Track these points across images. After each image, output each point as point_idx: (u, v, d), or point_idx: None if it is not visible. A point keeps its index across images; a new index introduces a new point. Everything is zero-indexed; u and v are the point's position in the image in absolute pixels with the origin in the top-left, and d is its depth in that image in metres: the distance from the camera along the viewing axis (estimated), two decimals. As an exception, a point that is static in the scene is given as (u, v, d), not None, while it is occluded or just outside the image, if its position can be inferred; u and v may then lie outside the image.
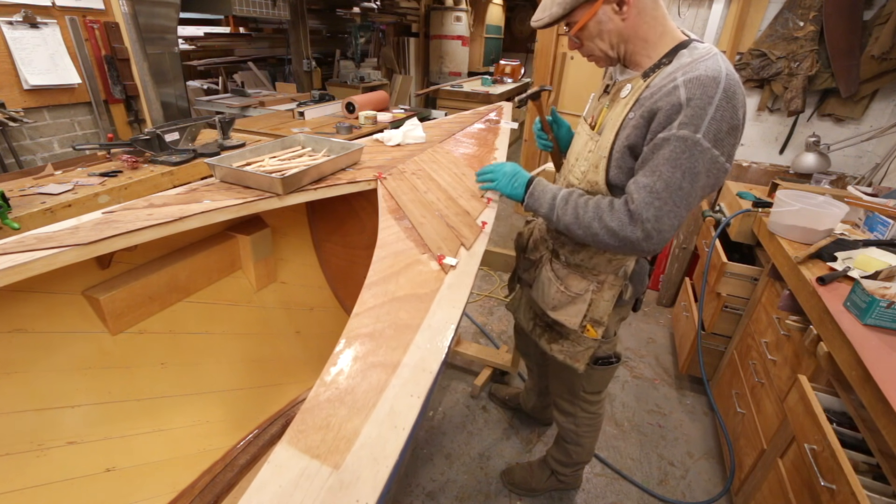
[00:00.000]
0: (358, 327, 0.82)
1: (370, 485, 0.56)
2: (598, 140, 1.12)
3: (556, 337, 1.38)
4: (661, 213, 0.96)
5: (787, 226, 1.83)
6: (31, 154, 2.59)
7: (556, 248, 1.32)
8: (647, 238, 0.99)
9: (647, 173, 0.98)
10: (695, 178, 0.94)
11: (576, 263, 1.28)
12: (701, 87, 0.91)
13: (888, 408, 1.00)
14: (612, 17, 1.00)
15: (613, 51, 1.06)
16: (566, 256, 1.29)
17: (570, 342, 1.34)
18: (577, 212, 1.08)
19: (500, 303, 3.14)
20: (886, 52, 2.23)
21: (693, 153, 0.92)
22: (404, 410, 0.67)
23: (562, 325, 1.31)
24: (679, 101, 0.92)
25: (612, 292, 1.24)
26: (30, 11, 2.38)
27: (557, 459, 1.76)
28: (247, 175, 1.34)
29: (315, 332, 1.97)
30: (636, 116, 1.01)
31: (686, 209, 0.98)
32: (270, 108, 3.68)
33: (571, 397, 1.54)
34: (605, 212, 1.04)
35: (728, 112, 0.92)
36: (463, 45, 7.30)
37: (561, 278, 1.29)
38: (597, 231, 1.05)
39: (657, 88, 0.98)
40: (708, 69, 0.92)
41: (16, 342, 1.17)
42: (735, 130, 0.95)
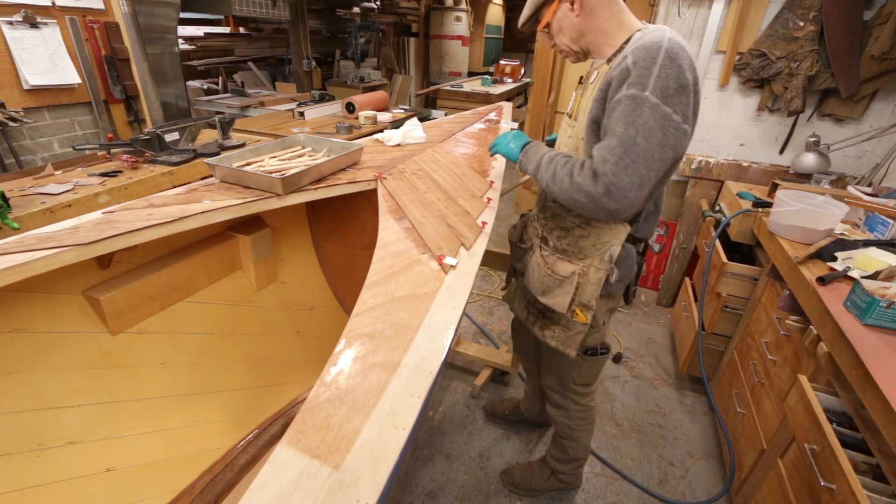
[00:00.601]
0: (358, 327, 0.82)
1: (370, 485, 0.56)
2: (574, 126, 1.23)
3: (548, 323, 1.41)
4: (618, 167, 1.01)
5: (787, 226, 1.83)
6: (31, 154, 2.59)
7: (545, 234, 1.38)
8: (608, 193, 1.03)
9: (606, 135, 1.06)
10: (649, 134, 0.98)
11: (563, 248, 1.33)
12: (644, 52, 1.00)
13: (888, 408, 1.00)
14: (568, 14, 1.15)
15: (576, 44, 1.20)
16: (554, 242, 1.35)
17: (561, 328, 1.36)
18: (556, 169, 1.15)
19: (500, 303, 3.14)
20: (886, 52, 2.23)
21: (642, 109, 0.98)
22: (404, 410, 0.67)
23: (552, 310, 1.35)
24: (627, 67, 1.01)
25: (598, 276, 1.27)
26: (30, 11, 2.38)
27: (556, 457, 1.77)
28: (247, 175, 1.34)
29: (315, 332, 1.97)
30: (597, 97, 1.11)
31: (645, 166, 1.00)
32: (270, 108, 3.68)
33: (563, 389, 1.57)
34: (576, 169, 1.11)
35: (673, 71, 0.98)
36: (463, 45, 7.30)
37: (549, 263, 1.34)
38: (568, 187, 1.11)
39: (615, 66, 1.07)
40: (651, 37, 1.02)
41: (16, 342, 1.17)
42: (684, 89, 0.99)
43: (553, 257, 1.34)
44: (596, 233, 1.25)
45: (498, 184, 1.52)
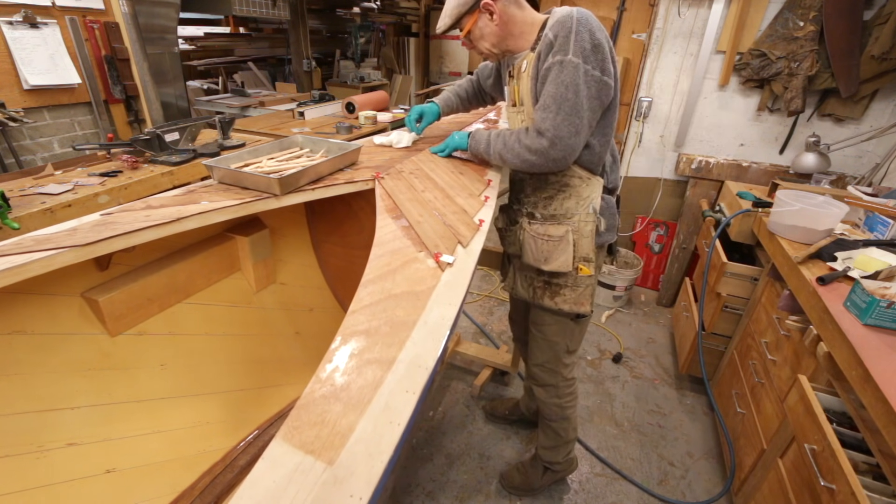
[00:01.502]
0: (354, 324, 0.82)
1: (364, 480, 0.56)
2: (522, 110, 1.37)
3: (556, 290, 1.48)
4: (557, 122, 1.19)
5: (787, 226, 1.82)
6: (31, 154, 2.60)
7: (530, 209, 1.49)
8: (553, 145, 1.21)
9: (539, 99, 1.23)
10: (576, 90, 1.16)
11: (551, 214, 1.44)
12: (560, 25, 1.17)
13: (888, 408, 1.00)
14: (488, 24, 1.29)
15: (496, 48, 1.34)
16: (540, 213, 1.46)
17: (570, 288, 1.46)
18: (505, 140, 1.34)
19: (500, 303, 3.14)
20: (886, 52, 2.23)
21: (567, 69, 1.15)
22: (400, 406, 0.66)
23: (558, 274, 1.44)
24: (549, 41, 1.18)
25: (588, 228, 1.41)
26: (30, 11, 2.39)
27: (548, 447, 1.78)
28: (244, 176, 1.34)
29: (315, 332, 1.97)
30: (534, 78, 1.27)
31: (577, 117, 1.18)
32: (270, 108, 3.68)
33: (554, 364, 1.62)
34: (522, 134, 1.29)
35: (586, 34, 1.15)
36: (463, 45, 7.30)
37: (542, 232, 1.44)
38: (519, 150, 1.29)
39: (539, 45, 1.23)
40: (562, 13, 1.18)
41: (15, 344, 1.17)
42: (599, 48, 1.17)
43: (544, 226, 1.44)
44: (576, 192, 1.39)
45: (496, 182, 1.51)
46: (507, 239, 1.61)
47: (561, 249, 1.41)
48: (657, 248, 3.33)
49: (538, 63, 1.23)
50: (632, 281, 3.11)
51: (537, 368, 1.65)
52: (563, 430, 1.73)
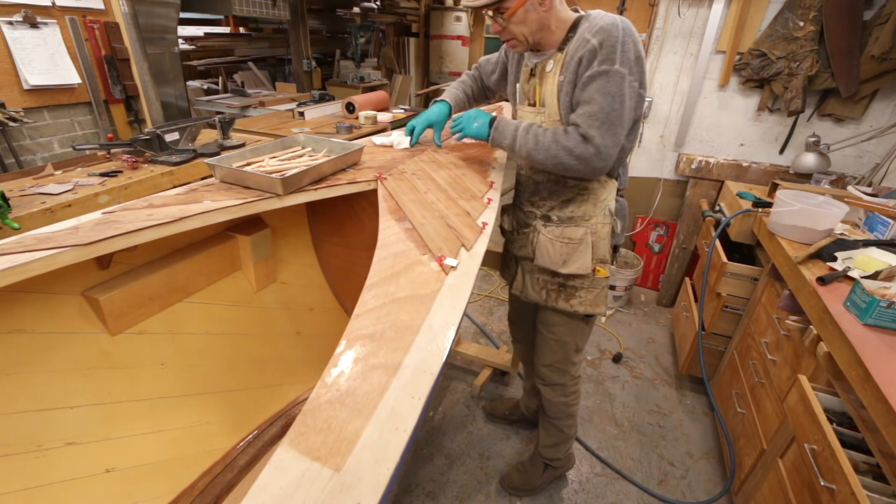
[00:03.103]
0: (358, 328, 0.82)
1: (371, 486, 0.56)
2: (543, 111, 1.35)
3: (572, 292, 1.47)
4: (602, 131, 1.18)
5: (787, 226, 1.83)
6: (31, 154, 2.59)
7: (545, 212, 1.47)
8: (598, 154, 1.20)
9: (585, 104, 1.20)
10: (622, 101, 1.17)
11: (568, 217, 1.43)
12: (606, 34, 1.15)
13: (888, 408, 1.00)
14: (535, 9, 1.22)
15: (532, 36, 1.27)
16: (557, 215, 1.45)
17: (586, 290, 1.45)
18: (538, 138, 1.27)
19: (500, 303, 3.15)
20: (886, 52, 2.23)
21: (614, 79, 1.16)
22: (405, 412, 0.66)
23: (576, 276, 1.43)
24: (594, 47, 1.16)
25: (605, 230, 1.41)
26: (30, 11, 2.38)
27: (549, 445, 1.79)
28: (247, 175, 1.34)
29: (315, 332, 1.97)
30: (566, 79, 1.24)
31: (620, 128, 1.20)
32: (270, 108, 3.67)
33: (564, 364, 1.62)
34: (561, 135, 1.24)
35: (631, 46, 1.16)
36: (463, 45, 7.29)
37: (560, 235, 1.42)
38: (556, 152, 1.24)
39: (574, 52, 1.21)
40: (606, 21, 1.17)
41: (15, 343, 1.16)
42: (640, 60, 1.19)
43: (560, 229, 1.43)
44: (594, 194, 1.40)
45: (498, 184, 1.51)
46: (516, 242, 1.59)
47: (580, 252, 1.40)
48: (657, 248, 3.33)
49: (577, 68, 1.20)
50: (632, 281, 3.11)
51: (546, 368, 1.65)
52: (566, 427, 1.74)
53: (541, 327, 1.62)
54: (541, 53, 1.33)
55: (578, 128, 1.21)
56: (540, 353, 1.66)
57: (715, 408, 2.16)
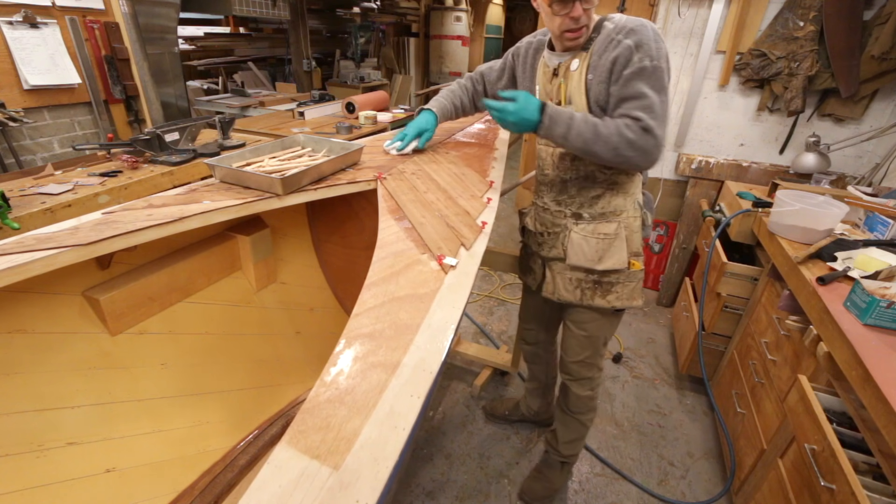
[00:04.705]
0: (358, 327, 0.82)
1: (370, 485, 0.56)
2: (571, 108, 1.34)
3: (609, 288, 1.47)
4: (659, 123, 1.21)
5: (787, 226, 1.83)
6: (31, 154, 2.59)
7: (575, 210, 1.47)
8: (657, 146, 1.22)
9: (636, 99, 1.21)
10: (666, 94, 1.23)
11: (600, 213, 1.44)
12: (640, 34, 1.20)
13: (888, 408, 1.00)
14: None
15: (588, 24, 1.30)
16: (588, 212, 1.45)
17: (622, 285, 1.46)
18: (598, 129, 1.23)
19: (500, 302, 3.15)
20: (886, 52, 2.23)
21: (658, 74, 1.20)
22: (404, 411, 0.67)
23: (611, 272, 1.44)
24: (629, 46, 1.20)
25: (636, 223, 1.44)
26: (30, 11, 2.38)
27: (569, 441, 1.77)
28: (246, 175, 1.34)
29: (315, 332, 1.97)
30: (596, 77, 1.26)
31: (667, 120, 1.25)
32: (270, 108, 3.68)
33: (593, 358, 1.62)
34: (622, 127, 1.22)
35: (660, 42, 1.22)
36: (463, 45, 7.30)
37: (593, 231, 1.44)
38: (617, 143, 1.22)
39: (601, 51, 1.25)
40: (635, 23, 1.22)
41: (16, 343, 1.16)
42: (667, 55, 1.25)
43: (592, 225, 1.44)
44: (623, 188, 1.41)
45: (498, 184, 1.51)
46: (546, 244, 1.57)
47: (616, 247, 1.42)
48: (657, 248, 3.33)
49: (612, 67, 1.23)
50: (632, 281, 3.11)
51: (576, 364, 1.64)
52: (588, 420, 1.74)
53: (571, 325, 1.61)
54: (563, 53, 1.34)
55: (639, 121, 1.21)
56: (569, 350, 1.64)
57: (715, 408, 2.16)
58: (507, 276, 3.43)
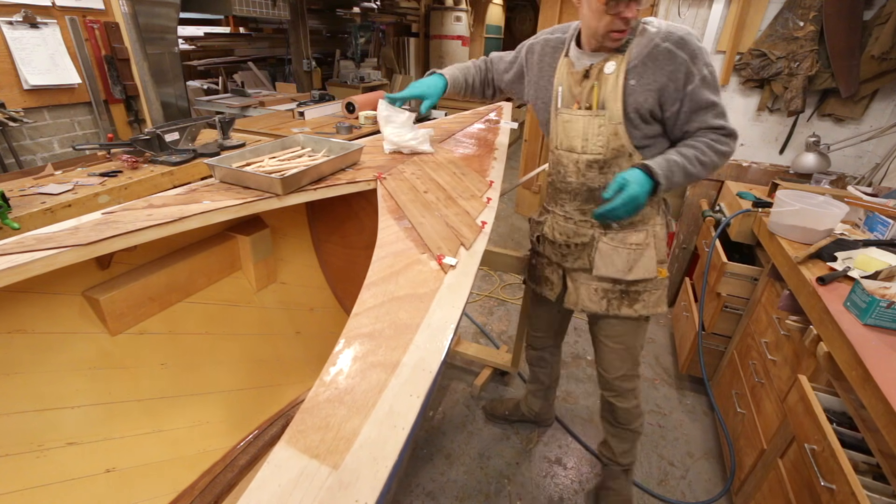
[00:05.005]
0: (357, 327, 0.82)
1: (369, 484, 0.56)
2: (605, 114, 1.29)
3: (636, 297, 1.45)
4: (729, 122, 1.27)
5: (787, 226, 1.83)
6: (31, 154, 2.59)
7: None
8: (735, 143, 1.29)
9: (710, 108, 1.24)
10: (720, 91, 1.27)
11: (629, 222, 1.40)
12: (690, 45, 1.20)
13: (888, 408, 1.00)
14: None
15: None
16: (617, 222, 1.40)
17: (649, 293, 1.45)
18: (703, 161, 1.26)
19: (499, 302, 3.14)
20: (886, 52, 2.23)
21: (715, 78, 1.23)
22: (404, 410, 0.67)
23: (639, 280, 1.43)
24: (685, 61, 1.20)
25: (663, 230, 1.44)
26: (30, 11, 2.39)
27: (627, 450, 1.75)
28: (246, 175, 1.34)
29: (315, 332, 1.97)
30: (640, 85, 1.23)
31: None
32: (270, 108, 3.68)
33: (633, 366, 1.59)
34: (715, 146, 1.26)
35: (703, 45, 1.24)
36: (463, 45, 7.30)
37: (622, 241, 1.41)
38: (716, 162, 1.27)
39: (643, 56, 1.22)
40: (680, 30, 1.22)
41: (16, 343, 1.17)
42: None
43: (621, 235, 1.41)
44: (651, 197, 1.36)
45: (497, 184, 1.52)
46: (570, 255, 1.51)
47: (647, 256, 1.40)
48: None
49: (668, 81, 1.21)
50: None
51: (618, 380, 1.59)
52: (640, 426, 1.70)
53: (606, 340, 1.56)
54: (595, 54, 1.29)
55: (721, 129, 1.25)
56: (609, 367, 1.59)
57: (715, 408, 2.16)
58: (507, 276, 3.44)
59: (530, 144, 4.00)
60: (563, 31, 1.41)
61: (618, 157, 1.32)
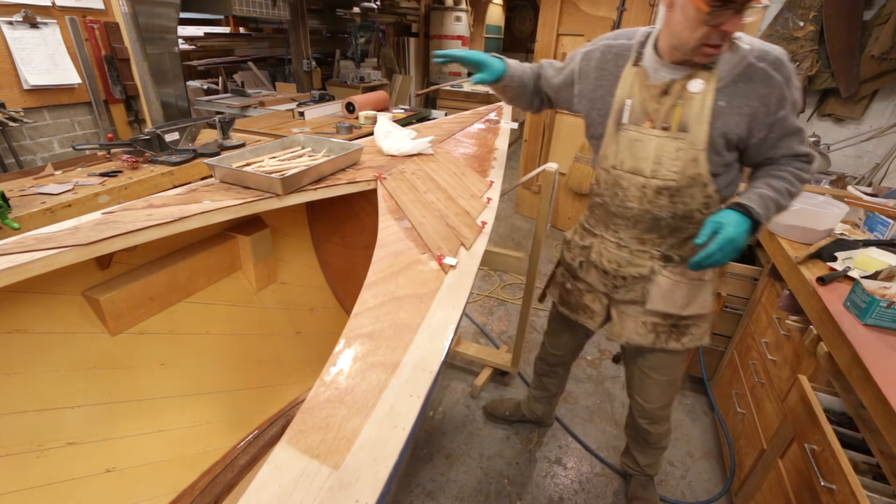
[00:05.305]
0: (358, 327, 0.82)
1: (370, 485, 0.56)
2: (685, 137, 1.14)
3: (684, 331, 1.37)
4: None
5: (787, 226, 1.83)
6: (31, 154, 2.59)
7: (665, 251, 1.30)
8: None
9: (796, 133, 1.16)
10: None
11: (690, 254, 1.29)
12: (786, 67, 1.10)
13: (888, 408, 1.00)
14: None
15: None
16: (678, 254, 1.29)
17: (697, 326, 1.37)
18: (791, 192, 1.18)
19: (500, 303, 3.14)
20: (886, 52, 2.23)
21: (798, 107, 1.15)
22: (404, 410, 0.67)
23: (692, 315, 1.34)
24: (781, 84, 1.09)
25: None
26: (30, 11, 2.39)
27: (653, 462, 1.76)
28: (246, 175, 1.34)
29: (315, 332, 1.97)
30: (732, 108, 1.10)
31: None
32: (270, 108, 3.68)
33: (673, 394, 1.55)
34: (799, 174, 1.19)
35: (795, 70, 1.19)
36: (463, 45, 7.30)
37: (683, 274, 1.30)
38: (800, 191, 1.20)
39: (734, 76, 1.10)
40: (776, 50, 1.11)
41: (16, 343, 1.17)
42: None
43: (681, 267, 1.30)
44: None
45: (498, 184, 1.52)
46: (621, 287, 1.37)
47: (704, 291, 1.32)
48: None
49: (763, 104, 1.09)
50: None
51: (659, 410, 1.56)
52: (668, 442, 1.70)
53: (650, 373, 1.49)
54: (677, 67, 1.15)
55: (805, 156, 1.18)
56: (650, 397, 1.54)
57: (715, 408, 2.16)
58: (507, 276, 3.44)
59: (530, 144, 4.00)
60: (627, 36, 1.27)
61: (691, 185, 1.18)
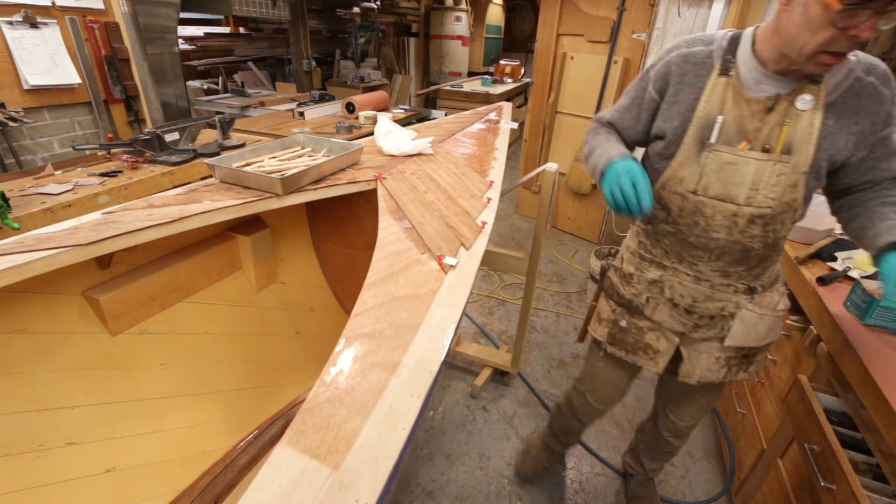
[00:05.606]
0: (358, 327, 0.82)
1: (370, 485, 0.56)
2: (790, 161, 1.01)
3: (751, 360, 1.29)
4: None
5: (787, 226, 1.83)
6: (31, 154, 2.59)
7: (749, 283, 1.18)
8: None
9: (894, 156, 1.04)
10: None
11: (770, 283, 1.20)
12: (892, 82, 0.98)
13: (888, 408, 1.00)
14: None
15: None
16: (761, 284, 1.19)
17: (762, 353, 1.30)
18: None
19: (500, 303, 3.14)
20: (886, 52, 2.23)
21: None
22: (404, 410, 0.67)
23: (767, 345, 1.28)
24: (890, 100, 0.98)
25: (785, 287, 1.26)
26: (30, 11, 2.39)
27: (659, 466, 1.78)
28: (246, 175, 1.34)
29: (315, 332, 1.97)
30: (840, 127, 0.99)
31: None
32: (270, 108, 3.68)
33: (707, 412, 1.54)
34: None
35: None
36: (463, 45, 7.31)
37: (769, 306, 1.20)
38: None
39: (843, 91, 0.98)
40: (882, 64, 1.00)
41: (16, 343, 1.17)
42: None
43: (764, 297, 1.19)
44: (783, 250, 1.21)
45: (498, 184, 1.52)
46: (701, 326, 1.23)
47: (779, 321, 1.23)
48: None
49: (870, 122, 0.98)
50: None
51: (689, 428, 1.54)
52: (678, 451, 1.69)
53: (694, 394, 1.43)
54: (783, 80, 1.00)
55: None
56: (685, 416, 1.49)
57: (715, 408, 2.16)
58: (507, 276, 3.43)
59: (530, 144, 4.01)
60: (704, 42, 1.10)
61: (785, 212, 1.06)
